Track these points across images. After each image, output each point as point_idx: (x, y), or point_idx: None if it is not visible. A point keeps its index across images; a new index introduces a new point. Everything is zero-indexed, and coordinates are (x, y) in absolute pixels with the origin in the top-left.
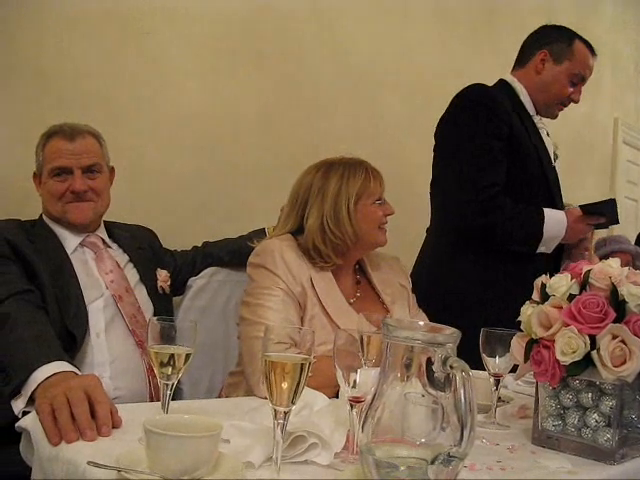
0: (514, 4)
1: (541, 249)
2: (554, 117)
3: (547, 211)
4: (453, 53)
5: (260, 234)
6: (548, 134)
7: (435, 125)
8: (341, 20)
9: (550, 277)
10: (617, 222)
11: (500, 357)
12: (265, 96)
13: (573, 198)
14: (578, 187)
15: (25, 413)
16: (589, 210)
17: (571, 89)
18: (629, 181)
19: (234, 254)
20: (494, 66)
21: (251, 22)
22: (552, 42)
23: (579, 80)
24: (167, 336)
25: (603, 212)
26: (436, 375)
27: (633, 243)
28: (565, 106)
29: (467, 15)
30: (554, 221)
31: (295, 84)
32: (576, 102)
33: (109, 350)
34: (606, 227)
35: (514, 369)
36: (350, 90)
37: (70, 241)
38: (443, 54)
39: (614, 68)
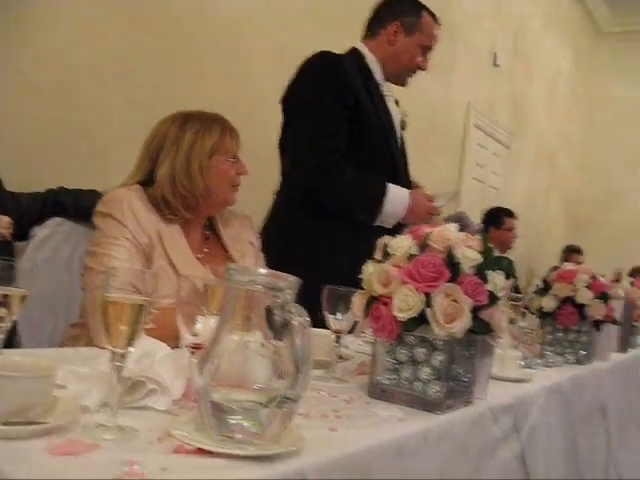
0: None
1: (379, 222)
2: (404, 85)
3: (392, 187)
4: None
5: None
6: (397, 103)
7: None
8: None
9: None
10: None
11: (342, 314)
12: (127, 46)
13: (424, 175)
14: (429, 166)
15: None
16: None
17: (420, 59)
18: (477, 164)
19: (83, 211)
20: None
21: None
22: (403, 14)
23: (427, 50)
24: (4, 277)
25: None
26: (276, 320)
27: (480, 222)
28: (414, 74)
29: None
30: (396, 198)
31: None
32: (424, 70)
33: None
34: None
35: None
36: (217, 45)
37: None
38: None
39: (469, 55)
